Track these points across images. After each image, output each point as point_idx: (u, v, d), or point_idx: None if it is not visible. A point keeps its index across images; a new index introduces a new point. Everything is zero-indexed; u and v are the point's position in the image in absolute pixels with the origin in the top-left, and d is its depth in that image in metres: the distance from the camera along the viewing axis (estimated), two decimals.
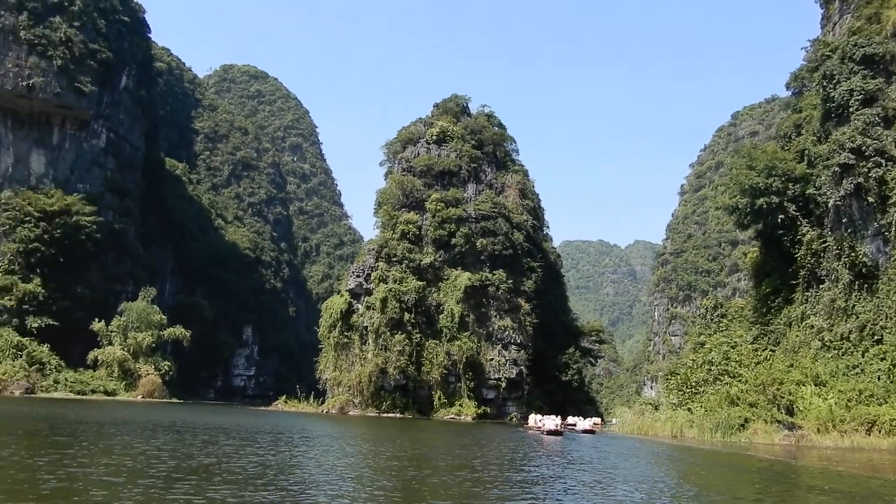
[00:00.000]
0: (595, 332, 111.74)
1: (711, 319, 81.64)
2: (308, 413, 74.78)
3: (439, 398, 76.73)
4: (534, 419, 60.73)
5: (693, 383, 56.13)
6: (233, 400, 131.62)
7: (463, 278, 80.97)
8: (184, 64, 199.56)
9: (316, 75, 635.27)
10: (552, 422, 54.45)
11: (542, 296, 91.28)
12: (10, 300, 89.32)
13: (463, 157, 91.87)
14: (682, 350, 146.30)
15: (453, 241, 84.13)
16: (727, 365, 54.46)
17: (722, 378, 52.77)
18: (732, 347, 57.94)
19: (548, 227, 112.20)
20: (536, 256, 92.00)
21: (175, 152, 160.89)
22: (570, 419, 67.79)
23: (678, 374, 61.80)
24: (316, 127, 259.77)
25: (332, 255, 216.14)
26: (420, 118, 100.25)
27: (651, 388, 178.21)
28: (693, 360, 61.48)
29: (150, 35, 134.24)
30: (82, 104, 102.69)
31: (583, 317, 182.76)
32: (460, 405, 76.43)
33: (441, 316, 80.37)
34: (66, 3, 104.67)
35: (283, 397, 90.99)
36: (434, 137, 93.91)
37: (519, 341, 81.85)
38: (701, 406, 50.10)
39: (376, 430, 44.81)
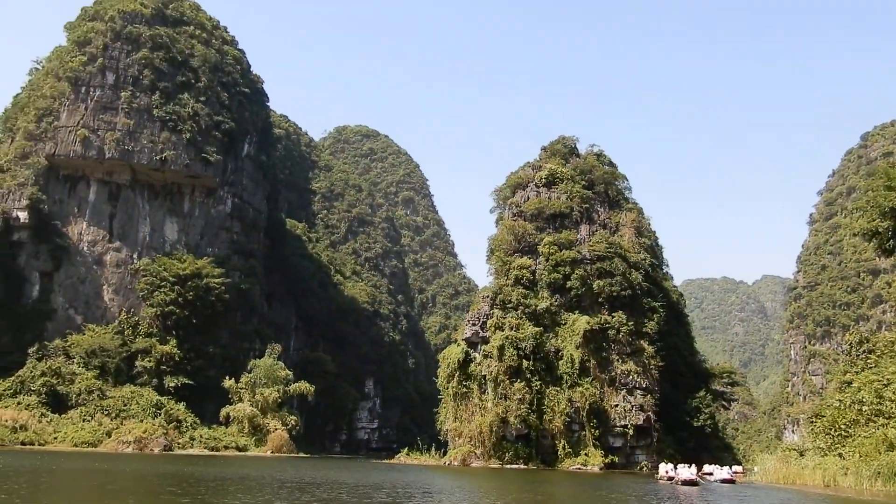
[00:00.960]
0: (726, 373, 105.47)
1: (857, 356, 74.94)
2: (430, 465, 74.02)
3: (563, 447, 73.96)
4: (664, 469, 57.28)
5: (842, 426, 51.11)
6: (358, 453, 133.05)
7: (581, 322, 78.59)
8: (300, 128, 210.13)
9: (424, 129, 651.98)
10: (687, 471, 51.12)
11: (666, 337, 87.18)
12: (150, 361, 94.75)
13: (574, 198, 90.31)
14: (826, 390, 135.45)
15: (569, 284, 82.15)
16: (881, 405, 49.21)
17: (876, 419, 47.68)
18: (885, 385, 52.40)
19: (667, 265, 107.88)
20: (657, 296, 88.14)
21: (294, 213, 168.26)
22: (707, 468, 63.47)
23: (824, 416, 56.58)
24: (427, 179, 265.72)
25: (448, 305, 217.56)
26: (528, 162, 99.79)
27: (793, 432, 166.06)
28: (840, 401, 56.14)
29: (268, 104, 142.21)
30: (209, 173, 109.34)
31: (711, 358, 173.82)
32: (586, 455, 73.34)
33: (560, 362, 78.06)
34: (193, 80, 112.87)
35: (405, 450, 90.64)
36: (543, 180, 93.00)
37: (644, 386, 78.10)
38: (854, 451, 45.38)
39: (501, 483, 43.34)
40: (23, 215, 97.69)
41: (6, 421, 74.67)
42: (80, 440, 77.14)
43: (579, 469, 70.74)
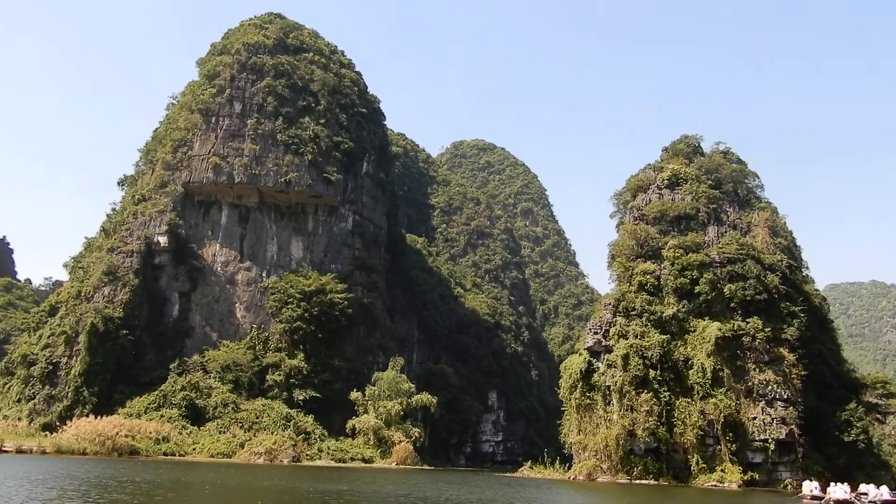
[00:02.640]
0: (880, 384, 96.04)
1: None
2: (554, 479, 71.81)
3: (697, 463, 69.65)
4: (808, 487, 52.63)
5: None
6: (483, 466, 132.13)
7: (712, 329, 74.09)
8: (418, 146, 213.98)
9: (540, 139, 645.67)
10: (841, 490, 47.03)
11: (809, 345, 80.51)
12: (280, 375, 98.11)
13: (699, 198, 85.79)
14: None
15: (697, 289, 77.82)
16: None
17: None
18: None
19: (807, 267, 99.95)
20: (796, 300, 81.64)
21: (414, 228, 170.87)
22: (863, 487, 57.67)
23: None
24: (545, 190, 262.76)
25: (570, 315, 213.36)
26: (649, 164, 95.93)
27: None
28: None
29: (385, 122, 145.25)
30: (330, 192, 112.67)
31: (861, 368, 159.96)
32: (722, 471, 68.68)
33: (690, 371, 73.83)
34: (313, 104, 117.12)
35: (528, 463, 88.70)
36: (665, 182, 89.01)
37: (785, 397, 72.41)
38: None
39: (631, 501, 41.00)
40: (163, 240, 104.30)
41: (150, 433, 79.33)
42: (216, 451, 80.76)
43: (715, 486, 66.41)
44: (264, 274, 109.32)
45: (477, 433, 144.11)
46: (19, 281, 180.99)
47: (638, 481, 67.87)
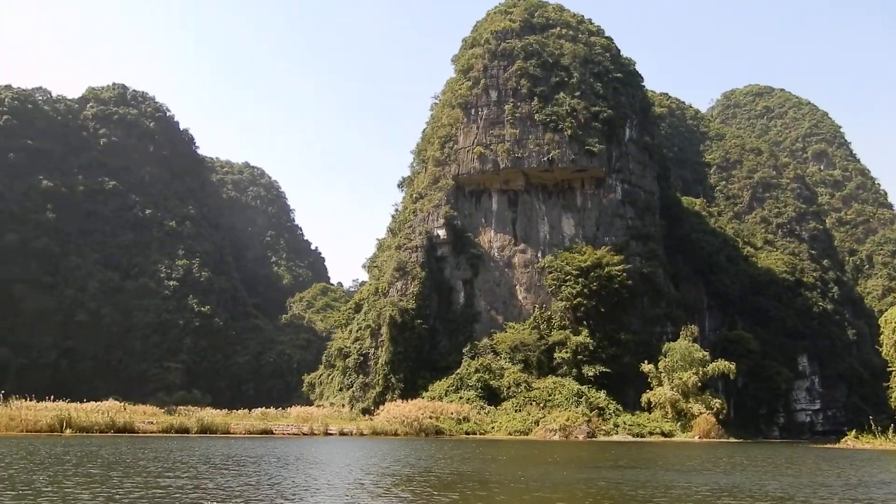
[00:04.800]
0: None
1: None
2: (888, 451, 62.27)
3: None
4: None
5: None
6: (800, 437, 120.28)
7: None
8: (684, 103, 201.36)
9: (825, 71, 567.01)
10: None
11: None
12: (566, 352, 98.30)
13: None
14: None
15: None
16: None
17: None
18: None
19: None
20: None
21: (690, 189, 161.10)
22: None
23: None
24: (839, 127, 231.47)
25: (889, 264, 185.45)
26: None
27: None
28: None
29: (643, 84, 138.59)
30: (595, 164, 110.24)
31: None
32: None
33: None
34: (566, 78, 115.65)
35: (853, 432, 78.26)
36: None
37: None
38: None
39: None
40: (442, 233, 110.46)
41: (452, 414, 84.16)
42: (514, 429, 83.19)
43: None
44: (539, 254, 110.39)
45: (790, 402, 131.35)
46: (332, 284, 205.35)
47: None
